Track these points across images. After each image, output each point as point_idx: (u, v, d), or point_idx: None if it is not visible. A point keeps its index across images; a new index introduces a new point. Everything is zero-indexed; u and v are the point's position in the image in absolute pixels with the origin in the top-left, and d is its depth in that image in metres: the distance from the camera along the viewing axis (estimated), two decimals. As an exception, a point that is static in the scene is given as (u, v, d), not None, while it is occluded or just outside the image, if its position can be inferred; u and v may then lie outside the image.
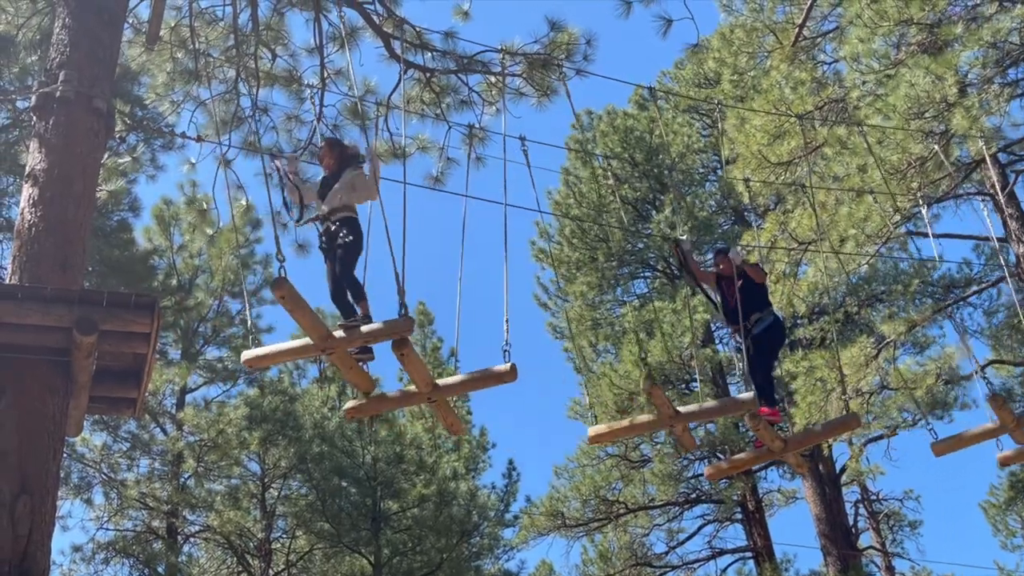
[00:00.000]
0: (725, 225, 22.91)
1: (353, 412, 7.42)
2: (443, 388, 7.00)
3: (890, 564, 23.39)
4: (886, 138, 11.68)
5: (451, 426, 7.40)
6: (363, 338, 6.73)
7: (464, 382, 7.08)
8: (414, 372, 6.93)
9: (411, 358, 6.75)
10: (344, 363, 6.93)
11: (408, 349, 6.63)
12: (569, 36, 9.89)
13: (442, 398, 7.07)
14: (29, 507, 5.57)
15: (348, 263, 7.29)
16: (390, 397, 7.52)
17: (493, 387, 7.03)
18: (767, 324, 8.30)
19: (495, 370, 6.79)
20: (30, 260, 6.31)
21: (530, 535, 21.68)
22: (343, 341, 6.70)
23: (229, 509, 18.48)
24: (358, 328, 6.73)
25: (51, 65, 7.09)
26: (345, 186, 7.46)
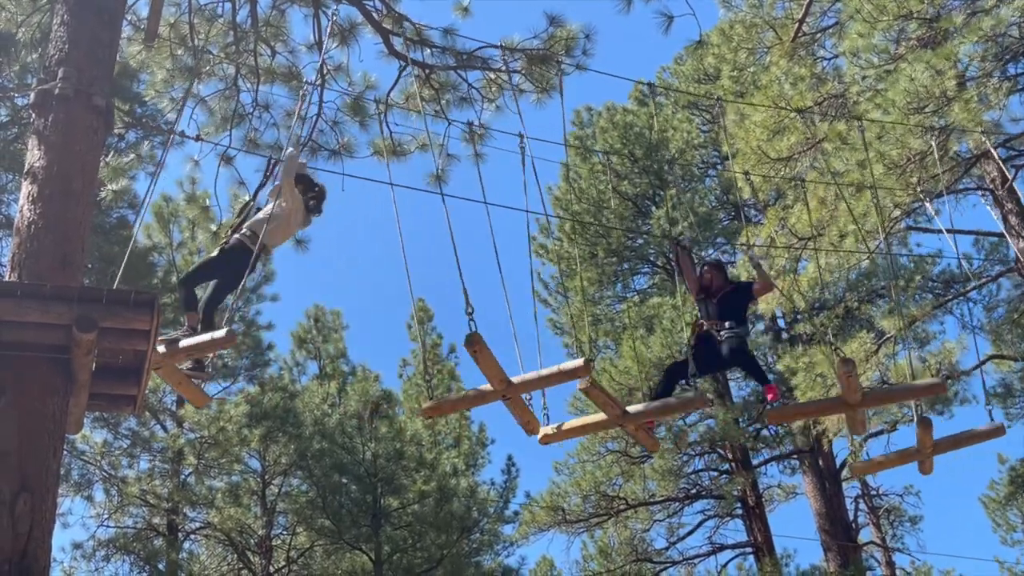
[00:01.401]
0: (725, 221, 22.91)
1: (430, 411, 7.44)
2: (517, 386, 6.96)
3: (890, 559, 23.41)
4: (886, 133, 11.68)
5: (527, 424, 7.31)
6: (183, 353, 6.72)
7: (540, 379, 6.96)
8: (488, 370, 6.89)
9: (484, 355, 6.73)
10: (173, 378, 6.95)
11: (480, 346, 6.62)
12: (568, 32, 9.88)
13: (517, 395, 7.02)
14: (29, 505, 5.56)
15: (225, 281, 7.37)
16: (467, 396, 7.47)
17: (564, 383, 6.96)
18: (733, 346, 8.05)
19: (569, 366, 6.78)
20: (29, 257, 6.29)
21: (530, 531, 21.70)
22: (166, 356, 6.69)
23: (230, 506, 18.49)
24: (177, 342, 6.72)
25: (50, 62, 7.07)
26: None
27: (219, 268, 7.40)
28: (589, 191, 22.04)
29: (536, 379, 6.98)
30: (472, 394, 7.35)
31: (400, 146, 10.19)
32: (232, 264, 7.34)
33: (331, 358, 22.36)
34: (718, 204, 23.38)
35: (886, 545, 23.39)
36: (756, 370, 8.14)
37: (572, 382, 7.02)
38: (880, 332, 15.43)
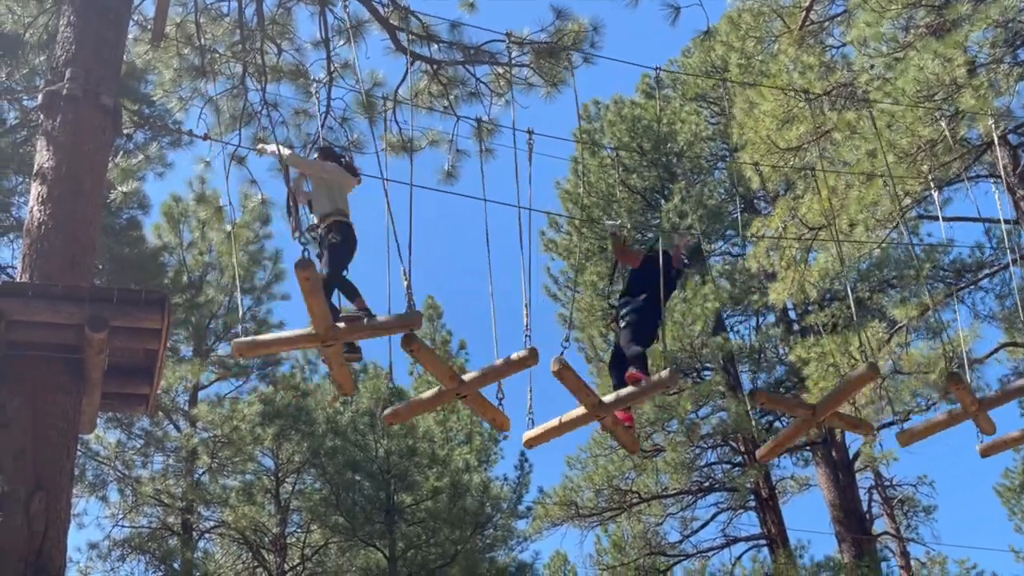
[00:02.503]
0: (734, 213, 22.84)
1: (392, 418, 7.32)
2: (468, 382, 6.83)
3: (905, 549, 23.35)
4: (895, 122, 11.63)
5: (493, 421, 7.14)
6: (369, 331, 6.67)
7: (487, 373, 6.80)
8: (431, 368, 6.85)
9: (423, 354, 6.67)
10: (336, 360, 6.87)
11: (417, 345, 6.51)
12: (576, 25, 9.85)
13: (473, 393, 6.88)
14: (44, 504, 5.59)
15: (332, 263, 7.33)
16: (424, 399, 7.37)
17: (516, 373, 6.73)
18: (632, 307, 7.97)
19: (516, 357, 6.64)
20: (40, 258, 6.32)
21: (544, 526, 21.70)
22: (344, 333, 6.63)
23: (244, 504, 18.54)
24: (361, 320, 6.69)
25: (57, 63, 7.09)
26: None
27: (346, 254, 7.41)
28: (598, 184, 22.00)
29: (487, 373, 6.82)
30: (428, 397, 7.18)
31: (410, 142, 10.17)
32: (345, 243, 7.39)
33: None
34: (727, 196, 23.31)
35: (900, 536, 23.32)
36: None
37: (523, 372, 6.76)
38: (892, 321, 15.37)
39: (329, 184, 7.55)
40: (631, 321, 7.81)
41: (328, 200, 7.51)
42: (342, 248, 7.37)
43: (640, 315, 7.86)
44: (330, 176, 7.60)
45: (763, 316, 22.24)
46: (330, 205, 7.48)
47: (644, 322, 7.83)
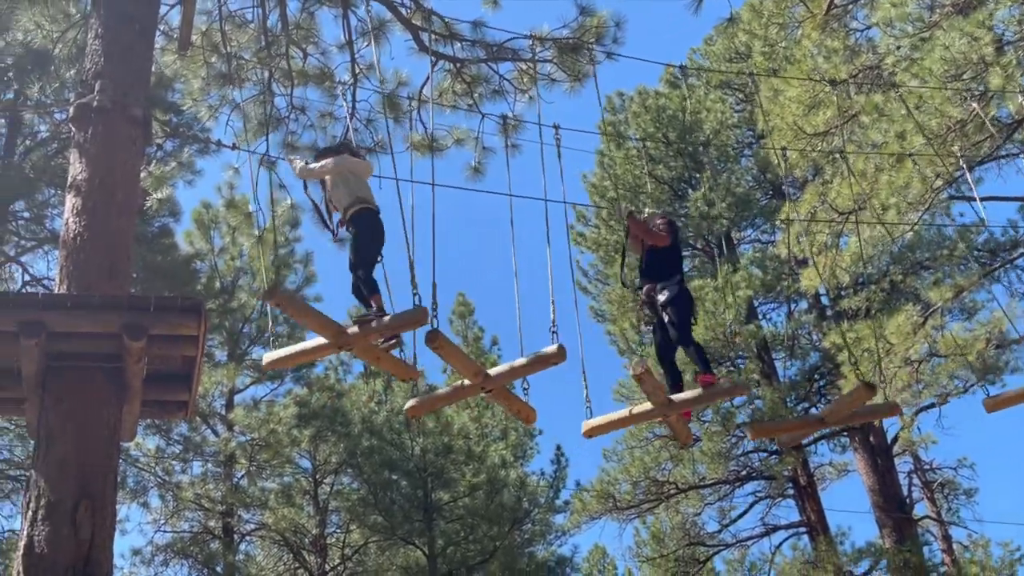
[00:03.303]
0: (763, 200, 22.70)
1: (413, 411, 7.34)
2: (494, 377, 6.85)
3: (947, 533, 23.12)
4: (924, 103, 11.51)
5: (519, 413, 7.16)
6: (378, 332, 6.69)
7: (514, 368, 6.82)
8: (457, 364, 6.85)
9: (448, 350, 6.63)
10: (370, 356, 6.89)
11: (441, 341, 6.46)
12: (598, 19, 9.83)
13: (499, 387, 6.89)
14: (90, 512, 5.67)
15: (355, 256, 7.30)
16: (445, 393, 7.40)
17: (543, 370, 6.74)
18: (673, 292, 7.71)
19: (544, 353, 6.65)
20: (77, 269, 6.40)
21: (581, 519, 21.70)
22: (358, 337, 6.67)
23: (283, 506, 18.69)
24: (371, 323, 6.70)
25: (87, 76, 7.17)
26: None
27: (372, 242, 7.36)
28: (624, 177, 21.94)
29: (512, 370, 6.84)
30: (450, 390, 7.21)
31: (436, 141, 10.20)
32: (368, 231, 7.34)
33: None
34: (755, 183, 23.17)
35: (942, 519, 23.08)
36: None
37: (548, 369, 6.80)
38: (927, 303, 15.22)
39: (344, 176, 7.47)
40: (681, 308, 7.62)
41: (346, 192, 7.43)
42: (360, 239, 7.30)
43: (689, 300, 7.76)
44: (341, 168, 7.50)
45: (795, 303, 22.08)
46: (348, 197, 7.40)
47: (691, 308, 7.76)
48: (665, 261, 7.81)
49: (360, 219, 7.31)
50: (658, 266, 7.79)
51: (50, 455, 5.76)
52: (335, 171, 7.49)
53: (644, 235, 7.84)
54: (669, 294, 7.60)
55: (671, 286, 7.65)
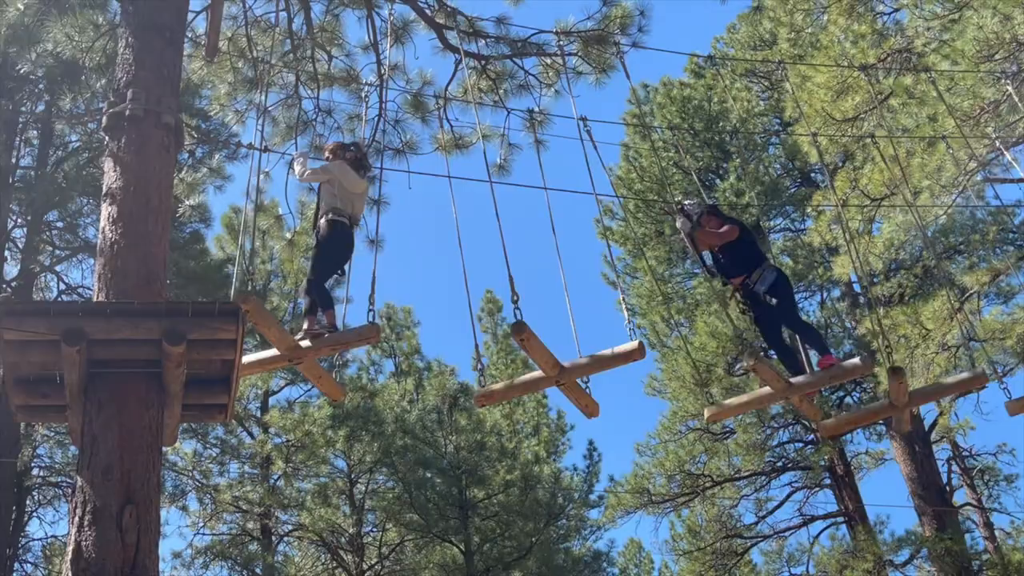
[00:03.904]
0: (792, 188, 22.54)
1: (483, 399, 7.42)
2: (570, 370, 6.88)
3: (988, 520, 22.85)
4: (955, 84, 11.37)
5: (586, 408, 7.19)
6: (329, 347, 6.84)
7: (592, 363, 6.86)
8: (537, 356, 6.85)
9: (532, 342, 6.67)
10: (313, 373, 7.06)
11: (528, 334, 6.56)
12: (623, 10, 9.79)
13: (571, 380, 6.93)
14: (135, 517, 5.73)
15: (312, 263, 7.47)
16: (519, 383, 7.45)
17: (621, 366, 6.81)
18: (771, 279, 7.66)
19: (623, 349, 6.69)
20: (115, 276, 6.45)
21: (617, 514, 21.64)
22: (309, 351, 6.81)
23: (319, 507, 18.81)
24: (323, 336, 6.84)
25: (118, 85, 7.23)
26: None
27: (329, 254, 7.49)
28: (651, 169, 21.85)
29: (589, 363, 6.87)
30: (525, 380, 7.28)
31: (462, 139, 10.21)
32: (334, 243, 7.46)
33: (406, 355, 22.58)
34: (784, 172, 23.00)
35: (983, 506, 22.82)
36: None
37: (626, 365, 6.87)
38: (962, 289, 15.05)
39: (333, 183, 7.57)
40: (785, 290, 7.61)
41: (328, 197, 7.54)
42: (321, 249, 7.45)
43: (788, 282, 7.74)
44: (335, 176, 7.58)
45: (828, 291, 21.91)
46: (325, 204, 7.52)
47: (792, 288, 7.77)
48: (745, 250, 7.78)
49: (327, 228, 7.43)
50: (741, 257, 7.74)
51: (95, 461, 5.82)
52: (330, 176, 7.59)
53: (717, 241, 7.80)
54: (769, 280, 7.58)
55: (767, 272, 7.62)
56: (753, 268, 7.64)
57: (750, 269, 7.64)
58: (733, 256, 7.74)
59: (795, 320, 7.63)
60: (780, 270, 7.78)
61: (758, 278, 7.60)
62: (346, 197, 7.53)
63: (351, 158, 7.81)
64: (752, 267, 7.65)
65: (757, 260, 7.69)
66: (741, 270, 7.67)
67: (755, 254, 7.75)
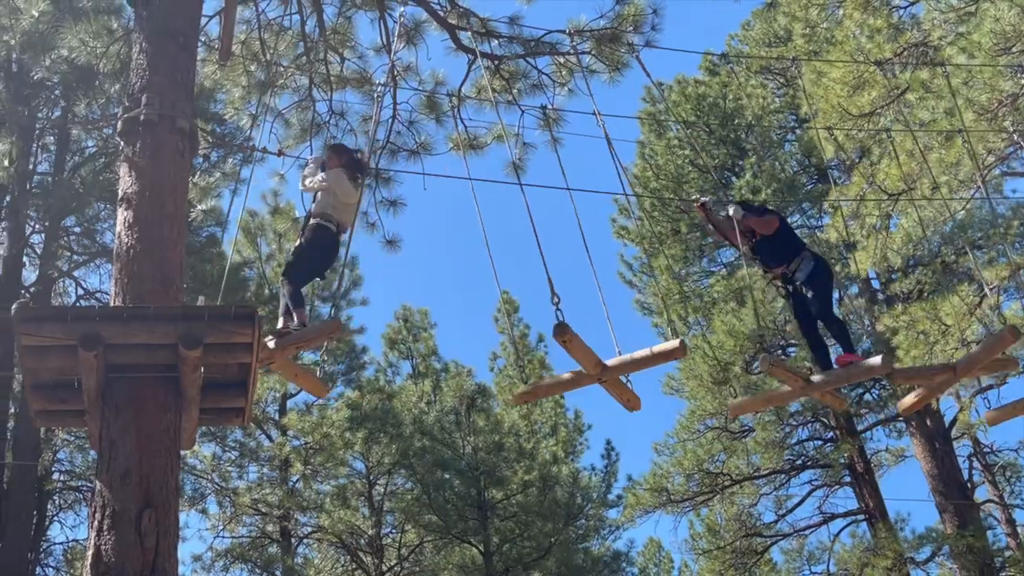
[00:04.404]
0: (809, 184, 22.42)
1: (523, 397, 7.47)
2: (613, 368, 6.95)
3: (1010, 516, 22.66)
4: (972, 78, 11.28)
5: (628, 402, 7.27)
6: (295, 343, 6.89)
7: (635, 361, 6.92)
8: (581, 357, 6.91)
9: (575, 343, 6.73)
10: (289, 372, 7.08)
11: (570, 335, 6.61)
12: (636, 7, 9.75)
13: (614, 377, 7.02)
14: (154, 520, 5.74)
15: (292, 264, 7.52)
16: (562, 380, 7.49)
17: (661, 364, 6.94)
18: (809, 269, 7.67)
19: (665, 347, 6.75)
20: (131, 281, 6.46)
21: (635, 513, 21.58)
22: (277, 351, 6.84)
23: (338, 509, 18.85)
24: (290, 334, 6.90)
25: (133, 90, 7.24)
26: None
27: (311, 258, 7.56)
28: (667, 167, 21.79)
29: (631, 362, 6.93)
30: (567, 378, 7.33)
31: (476, 139, 10.19)
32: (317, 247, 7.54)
33: (423, 357, 22.61)
34: (800, 168, 22.88)
35: (1005, 502, 22.64)
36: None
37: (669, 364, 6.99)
38: (981, 283, 14.91)
39: (330, 190, 7.68)
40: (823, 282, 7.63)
41: (321, 202, 7.64)
42: (303, 251, 7.53)
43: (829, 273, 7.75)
44: (331, 185, 7.67)
45: (846, 287, 21.78)
46: (318, 207, 7.61)
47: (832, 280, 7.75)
48: (784, 241, 7.79)
49: (314, 233, 7.50)
50: (780, 247, 7.75)
51: (113, 465, 5.83)
52: (327, 185, 7.67)
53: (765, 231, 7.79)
54: (807, 269, 7.59)
55: (806, 261, 7.63)
56: (792, 257, 7.64)
57: (789, 259, 7.65)
58: (773, 247, 7.76)
59: (827, 313, 7.62)
60: (820, 258, 7.78)
61: (796, 267, 7.63)
62: (339, 205, 7.65)
63: (348, 162, 7.85)
64: (792, 256, 7.66)
65: (796, 251, 7.69)
66: (781, 260, 7.69)
67: (795, 244, 7.73)
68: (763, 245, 7.81)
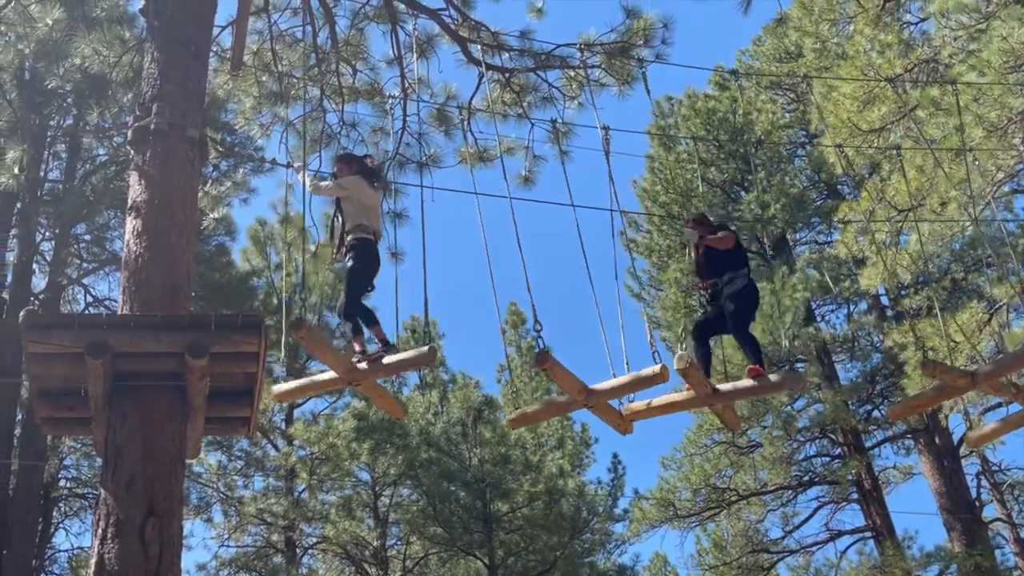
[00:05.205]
0: (818, 200, 22.40)
1: (516, 422, 7.49)
2: (598, 393, 6.96)
3: (1019, 535, 22.52)
4: (982, 95, 11.26)
5: (618, 426, 7.30)
6: (387, 371, 6.84)
7: (618, 387, 6.94)
8: (563, 382, 6.96)
9: (556, 370, 6.79)
10: (373, 393, 7.05)
11: (551, 363, 6.66)
12: (646, 22, 9.77)
13: (601, 403, 7.03)
14: (158, 529, 5.74)
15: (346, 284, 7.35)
16: (550, 406, 7.56)
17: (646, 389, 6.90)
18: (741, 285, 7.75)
19: (647, 373, 6.74)
20: (140, 289, 6.48)
21: (642, 528, 21.51)
22: (367, 373, 6.80)
23: (344, 519, 18.80)
24: (381, 360, 6.82)
25: (144, 99, 7.28)
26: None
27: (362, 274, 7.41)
28: (676, 181, 21.79)
29: (614, 388, 6.94)
30: (555, 404, 7.45)
31: (486, 151, 10.21)
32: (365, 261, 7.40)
33: (430, 368, 22.59)
34: (810, 184, 22.86)
35: (1013, 521, 22.50)
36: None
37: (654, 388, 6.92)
38: (991, 301, 14.87)
39: (351, 199, 7.46)
40: (747, 299, 7.69)
41: (353, 215, 7.42)
42: (355, 273, 7.34)
43: (755, 294, 7.81)
44: (350, 192, 7.46)
45: (855, 303, 21.73)
46: (351, 221, 7.42)
47: (756, 302, 7.78)
48: (731, 256, 7.88)
49: (356, 248, 7.36)
50: (723, 262, 7.84)
51: (118, 473, 5.84)
52: (347, 193, 7.46)
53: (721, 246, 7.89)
54: (739, 285, 7.67)
55: (741, 278, 7.72)
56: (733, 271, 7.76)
57: (729, 271, 7.75)
58: (717, 260, 7.85)
59: (744, 328, 7.66)
60: (754, 282, 7.86)
61: (728, 280, 7.71)
62: (366, 212, 7.47)
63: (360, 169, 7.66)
64: (732, 270, 7.77)
65: (736, 266, 7.78)
66: (717, 273, 7.80)
67: (739, 261, 7.83)
68: (709, 257, 7.88)
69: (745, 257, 8.01)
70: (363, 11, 10.52)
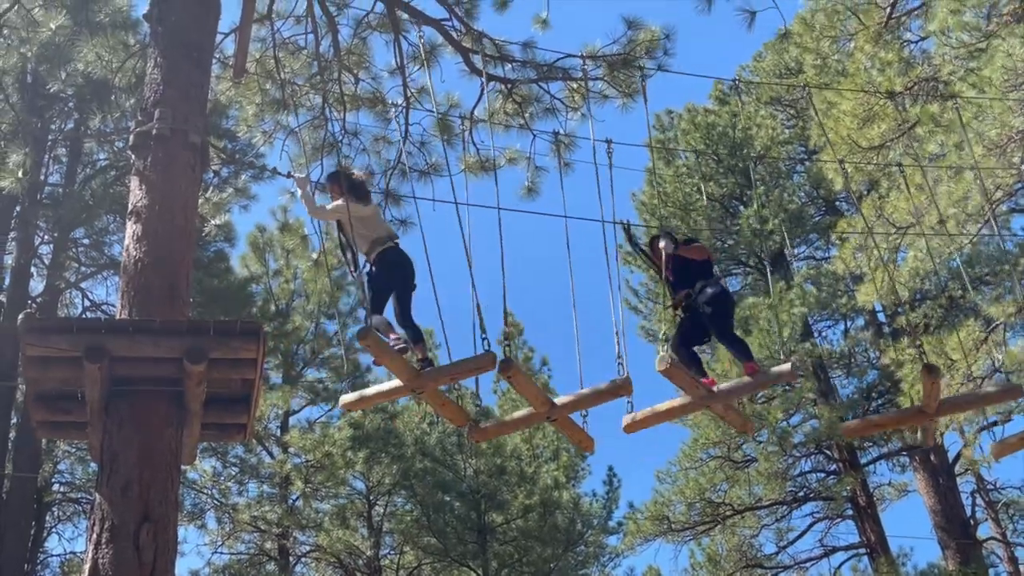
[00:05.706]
0: (817, 216, 22.44)
1: (478, 436, 7.42)
2: (560, 406, 6.87)
3: (1012, 554, 22.48)
4: (982, 113, 11.31)
5: (580, 443, 7.22)
6: (449, 376, 6.77)
7: (581, 399, 6.83)
8: (526, 393, 6.91)
9: (518, 379, 6.72)
10: (436, 400, 6.97)
11: (514, 371, 6.57)
12: (648, 34, 9.80)
13: (563, 416, 6.93)
14: (152, 535, 5.72)
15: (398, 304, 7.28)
16: (510, 420, 7.50)
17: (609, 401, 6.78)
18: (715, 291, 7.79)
19: (611, 384, 6.66)
20: (138, 294, 6.47)
21: (636, 541, 21.46)
22: (430, 378, 6.73)
23: (337, 528, 18.76)
24: (435, 365, 6.83)
25: (146, 104, 7.29)
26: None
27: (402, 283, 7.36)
28: (675, 195, 21.82)
29: (577, 400, 6.84)
30: (516, 418, 7.34)
31: (488, 161, 10.22)
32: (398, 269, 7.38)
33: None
34: (808, 200, 22.90)
35: (1007, 540, 22.48)
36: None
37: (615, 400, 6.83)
38: (988, 320, 14.88)
39: (356, 218, 7.38)
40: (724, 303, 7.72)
41: (365, 233, 7.39)
42: (377, 280, 7.30)
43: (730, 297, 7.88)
44: (342, 214, 7.37)
45: (851, 320, 21.75)
46: (364, 241, 7.37)
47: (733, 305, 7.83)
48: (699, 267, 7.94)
49: (382, 263, 7.33)
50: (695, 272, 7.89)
51: (113, 479, 5.82)
52: (342, 216, 7.40)
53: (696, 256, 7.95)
54: (713, 291, 7.70)
55: (713, 284, 7.77)
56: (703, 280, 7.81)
57: (695, 282, 7.80)
58: (687, 273, 7.89)
59: (727, 332, 7.69)
60: (725, 288, 7.91)
61: (701, 288, 7.74)
62: (365, 223, 7.44)
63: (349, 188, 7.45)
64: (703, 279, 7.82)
65: (706, 276, 7.86)
66: (688, 285, 7.84)
67: (706, 272, 7.90)
68: (679, 270, 7.91)
69: (712, 265, 8.09)
70: (366, 20, 10.54)
